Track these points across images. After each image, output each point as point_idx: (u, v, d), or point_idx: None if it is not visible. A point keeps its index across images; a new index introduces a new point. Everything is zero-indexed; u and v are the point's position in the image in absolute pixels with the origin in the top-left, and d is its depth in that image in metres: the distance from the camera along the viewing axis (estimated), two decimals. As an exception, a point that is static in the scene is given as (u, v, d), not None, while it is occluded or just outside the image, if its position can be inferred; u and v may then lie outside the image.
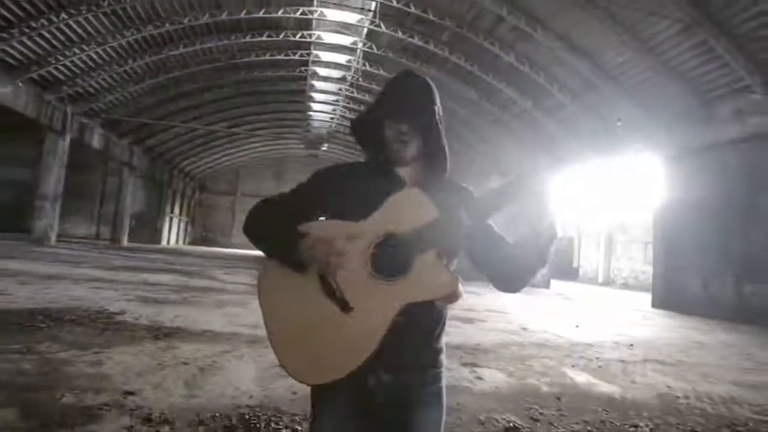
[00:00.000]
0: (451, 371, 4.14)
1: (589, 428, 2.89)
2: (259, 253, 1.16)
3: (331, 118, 28.02)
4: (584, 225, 30.77)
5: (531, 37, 14.16)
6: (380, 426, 1.15)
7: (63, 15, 12.69)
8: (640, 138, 14.17)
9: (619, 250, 28.79)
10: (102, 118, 19.81)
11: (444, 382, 1.20)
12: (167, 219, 31.27)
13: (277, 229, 1.13)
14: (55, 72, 15.55)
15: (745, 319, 10.35)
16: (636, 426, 2.99)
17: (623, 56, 13.06)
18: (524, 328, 7.02)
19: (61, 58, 14.60)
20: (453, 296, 1.09)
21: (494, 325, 7.17)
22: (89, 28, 14.28)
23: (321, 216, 1.21)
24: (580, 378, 4.19)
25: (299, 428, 2.56)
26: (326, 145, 31.51)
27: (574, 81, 15.41)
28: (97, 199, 29.37)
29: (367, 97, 23.29)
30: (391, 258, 1.08)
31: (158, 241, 29.81)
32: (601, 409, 3.28)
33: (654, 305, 13.47)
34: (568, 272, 30.29)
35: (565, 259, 30.80)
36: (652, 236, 15.28)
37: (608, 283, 28.31)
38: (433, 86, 1.23)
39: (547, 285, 19.29)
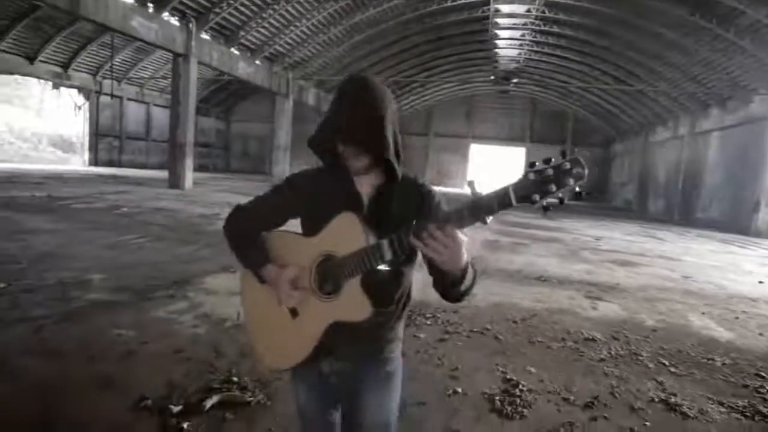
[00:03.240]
0: (572, 300, 4.95)
1: (661, 352, 3.51)
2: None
3: (519, 54, 27.15)
4: None
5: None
6: (337, 403, 1.36)
7: (282, 2, 15.73)
8: None
9: None
10: (314, 79, 23.68)
11: (396, 367, 1.33)
12: (370, 161, 35.75)
13: (244, 247, 1.31)
14: (279, 48, 19.37)
15: None
16: (710, 359, 3.44)
17: None
18: (685, 277, 6.94)
19: (283, 37, 18.11)
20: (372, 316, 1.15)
21: (653, 271, 7.26)
22: (300, 8, 17.25)
23: (293, 218, 1.34)
24: (699, 322, 4.50)
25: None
26: (516, 79, 30.91)
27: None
28: (312, 146, 35.28)
29: (555, 28, 21.93)
30: (327, 278, 1.21)
31: (362, 177, 34.65)
32: (690, 344, 3.75)
33: None
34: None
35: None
36: None
37: None
38: (385, 93, 1.21)
39: (772, 234, 16.21)
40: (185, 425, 2.11)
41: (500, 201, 0.97)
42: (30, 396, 2.31)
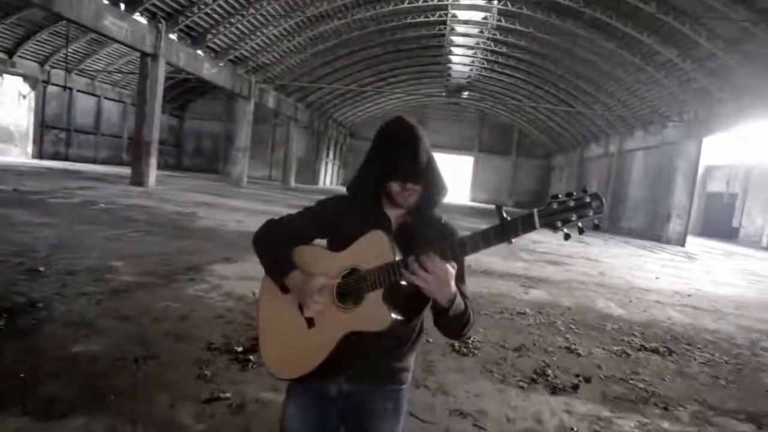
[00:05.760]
0: (510, 288, 6.23)
1: (571, 321, 4.82)
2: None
3: (470, 69, 29.12)
4: (751, 180, 27.30)
5: (673, -14, 13.60)
6: (340, 426, 1.34)
7: (251, 10, 16.41)
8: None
9: (793, 210, 25.23)
10: (275, 83, 24.30)
11: (404, 399, 1.35)
12: (323, 163, 36.50)
13: (272, 255, 1.34)
14: (244, 52, 19.95)
15: None
16: (603, 325, 4.80)
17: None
18: (601, 273, 8.51)
19: (249, 42, 18.74)
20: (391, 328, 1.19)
21: (576, 269, 8.78)
22: (267, 16, 17.99)
23: (320, 237, 1.39)
24: (602, 304, 5.92)
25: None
26: (467, 93, 33.05)
27: (727, 29, 14.34)
28: (269, 146, 35.43)
29: (504, 49, 23.90)
30: (350, 289, 1.24)
31: (316, 182, 35.28)
32: (592, 317, 5.12)
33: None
34: (726, 232, 27.60)
35: (723, 217, 28.06)
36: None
37: (775, 246, 25.22)
38: (421, 130, 1.28)
39: (681, 242, 18.69)
40: (251, 357, 3.07)
41: (525, 224, 1.06)
42: (126, 344, 3.16)
